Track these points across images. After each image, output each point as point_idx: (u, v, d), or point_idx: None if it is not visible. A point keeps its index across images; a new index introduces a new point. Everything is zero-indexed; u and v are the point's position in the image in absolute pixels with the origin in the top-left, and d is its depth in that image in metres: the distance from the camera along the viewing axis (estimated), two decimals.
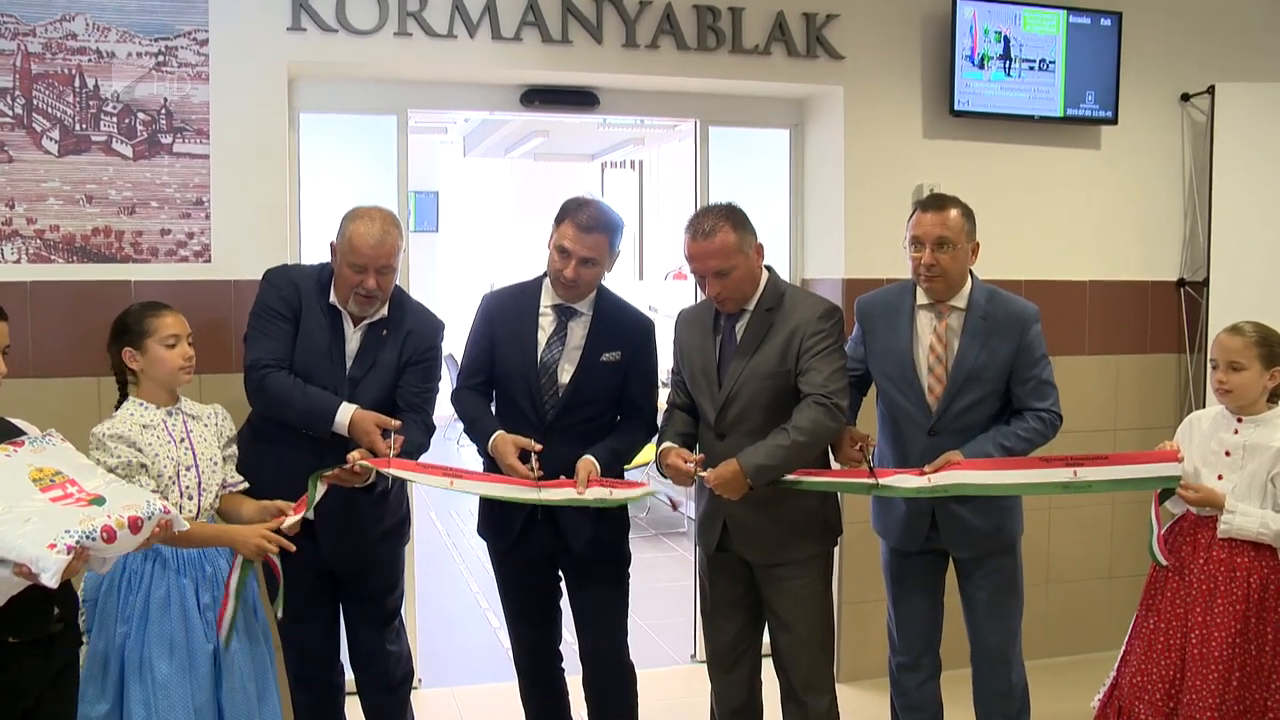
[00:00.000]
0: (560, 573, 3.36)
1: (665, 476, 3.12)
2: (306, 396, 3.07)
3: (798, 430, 2.95)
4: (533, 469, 3.05)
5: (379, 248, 3.05)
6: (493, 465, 3.20)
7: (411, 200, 6.12)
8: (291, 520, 2.92)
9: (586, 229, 3.09)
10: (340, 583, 3.29)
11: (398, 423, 3.02)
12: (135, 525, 2.49)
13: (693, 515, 3.39)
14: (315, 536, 3.14)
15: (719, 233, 2.98)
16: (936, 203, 3.14)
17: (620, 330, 3.23)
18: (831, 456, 3.24)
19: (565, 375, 3.17)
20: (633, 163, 10.52)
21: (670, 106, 4.57)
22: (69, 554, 2.24)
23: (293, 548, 2.90)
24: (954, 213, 3.12)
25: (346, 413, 3.05)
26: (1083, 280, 4.74)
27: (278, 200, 3.87)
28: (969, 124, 4.51)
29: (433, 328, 3.29)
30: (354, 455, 2.96)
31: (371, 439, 2.99)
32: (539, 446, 3.06)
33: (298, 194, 4.07)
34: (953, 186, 4.33)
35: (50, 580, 2.21)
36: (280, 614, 2.99)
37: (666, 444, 3.13)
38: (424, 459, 3.16)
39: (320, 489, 2.95)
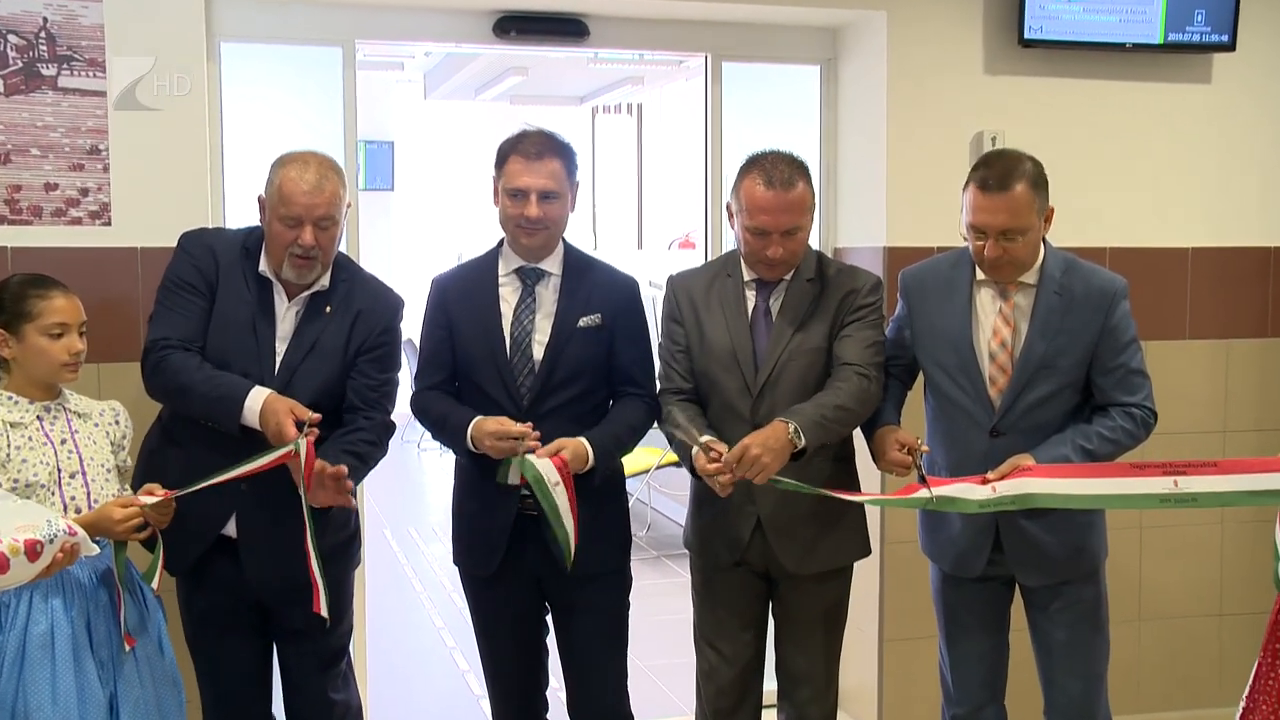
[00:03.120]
0: (548, 602, 3.36)
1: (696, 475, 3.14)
2: (211, 379, 3.05)
3: (842, 394, 3.09)
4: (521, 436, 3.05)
5: (315, 194, 3.05)
6: (476, 469, 3.20)
7: (361, 152, 6.10)
8: (153, 500, 2.87)
9: (536, 156, 3.15)
10: (272, 615, 3.27)
11: (316, 415, 2.97)
12: (33, 551, 2.47)
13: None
14: (237, 556, 3.11)
15: (799, 183, 3.13)
16: (999, 180, 3.06)
17: (597, 289, 3.26)
18: (872, 461, 3.24)
19: (540, 349, 3.19)
20: (630, 107, 10.51)
21: (676, 38, 4.54)
22: None
23: (161, 521, 2.90)
24: (1020, 189, 3.06)
25: (259, 397, 3.01)
26: (1184, 247, 4.70)
27: (195, 150, 3.83)
28: (1043, 56, 4.46)
29: (388, 306, 3.29)
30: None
31: (281, 424, 2.94)
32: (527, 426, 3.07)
33: (220, 143, 4.03)
34: (1021, 135, 4.30)
35: None
36: (154, 584, 2.95)
37: (707, 438, 3.10)
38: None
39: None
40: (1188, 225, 4.69)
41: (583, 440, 3.12)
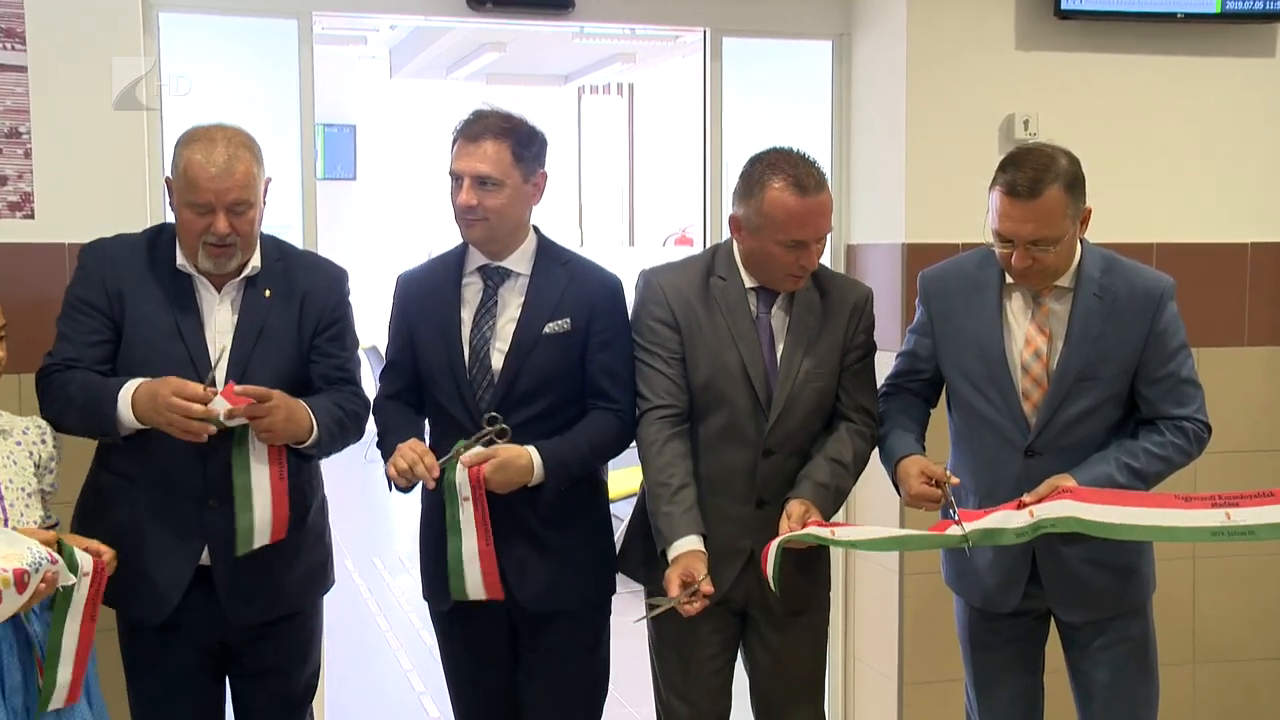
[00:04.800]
0: (516, 641, 3.35)
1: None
2: (86, 385, 3.04)
3: (847, 470, 3.23)
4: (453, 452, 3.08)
5: (224, 178, 3.03)
6: (432, 503, 3.21)
7: (319, 136, 6.07)
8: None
9: (474, 137, 3.15)
10: (233, 656, 3.25)
11: (212, 390, 2.96)
12: (21, 581, 2.52)
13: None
14: (207, 586, 3.10)
15: (825, 184, 3.14)
16: (1029, 185, 3.04)
17: (570, 289, 3.24)
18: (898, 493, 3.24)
19: (500, 358, 3.19)
20: (620, 87, 10.52)
21: (671, 10, 4.54)
22: None
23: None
24: (1051, 194, 3.04)
25: (129, 390, 2.98)
26: (1242, 242, 4.69)
27: (130, 133, 3.83)
28: (1082, 29, 4.47)
29: (333, 279, 3.32)
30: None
31: (178, 388, 2.91)
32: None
33: (159, 124, 4.02)
34: (1058, 118, 4.30)
35: None
36: None
37: (688, 542, 3.05)
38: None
39: None
40: (1246, 218, 4.69)
41: (528, 450, 3.09)
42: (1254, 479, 4.39)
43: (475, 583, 3.10)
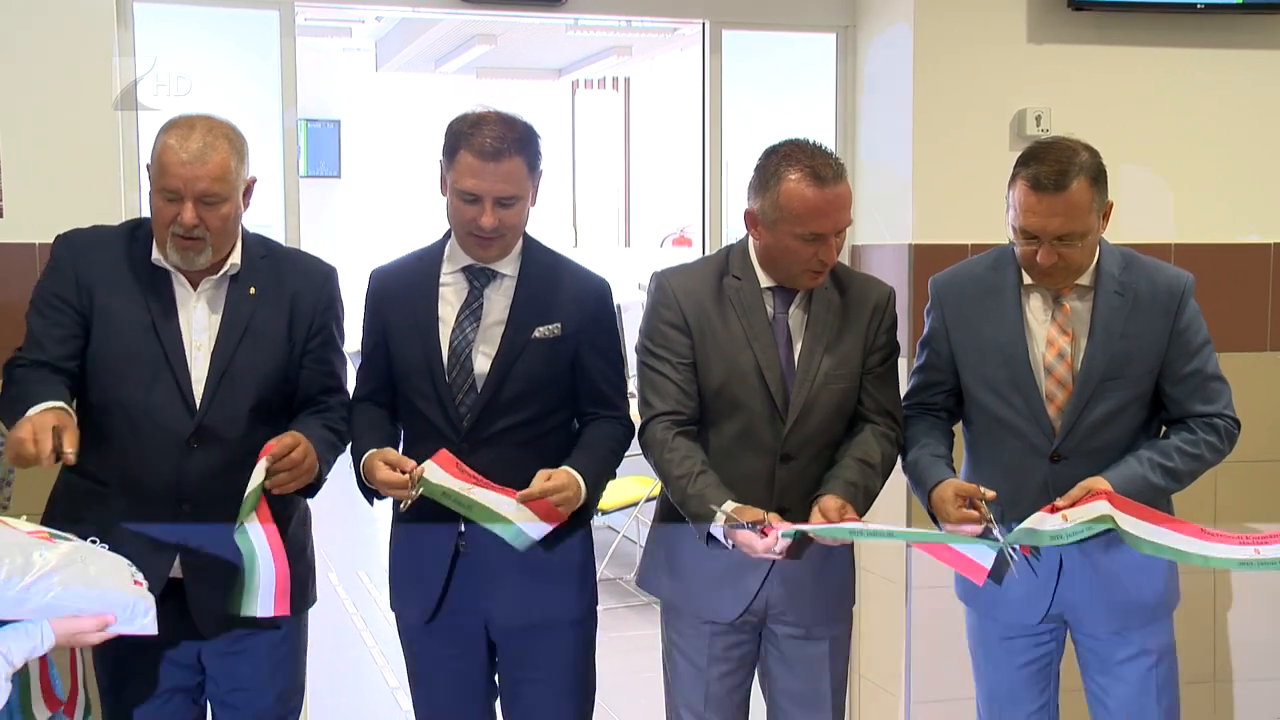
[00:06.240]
0: (496, 659, 3.34)
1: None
2: (18, 399, 2.95)
3: (875, 471, 3.19)
4: (410, 482, 3.01)
5: (196, 165, 2.99)
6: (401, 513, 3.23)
7: (302, 132, 6.08)
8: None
9: (493, 154, 3.07)
10: (209, 675, 3.23)
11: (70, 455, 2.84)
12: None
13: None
14: (179, 601, 3.08)
15: (844, 173, 3.15)
16: (1055, 178, 3.06)
17: (560, 293, 3.23)
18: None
19: (485, 362, 3.17)
20: (616, 81, 10.52)
21: (668, 2, 4.55)
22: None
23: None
24: (1077, 187, 3.06)
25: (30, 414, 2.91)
26: (1265, 243, 4.69)
27: (102, 129, 3.84)
28: (1097, 20, 4.47)
29: (323, 277, 3.29)
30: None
31: (36, 434, 2.78)
32: (412, 464, 3.04)
33: (135, 121, 4.02)
34: (1071, 114, 4.30)
35: (154, 627, 2.45)
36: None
37: (730, 504, 3.06)
38: None
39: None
40: (1268, 218, 4.69)
41: (574, 476, 3.08)
42: (1275, 490, 4.41)
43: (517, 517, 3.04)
